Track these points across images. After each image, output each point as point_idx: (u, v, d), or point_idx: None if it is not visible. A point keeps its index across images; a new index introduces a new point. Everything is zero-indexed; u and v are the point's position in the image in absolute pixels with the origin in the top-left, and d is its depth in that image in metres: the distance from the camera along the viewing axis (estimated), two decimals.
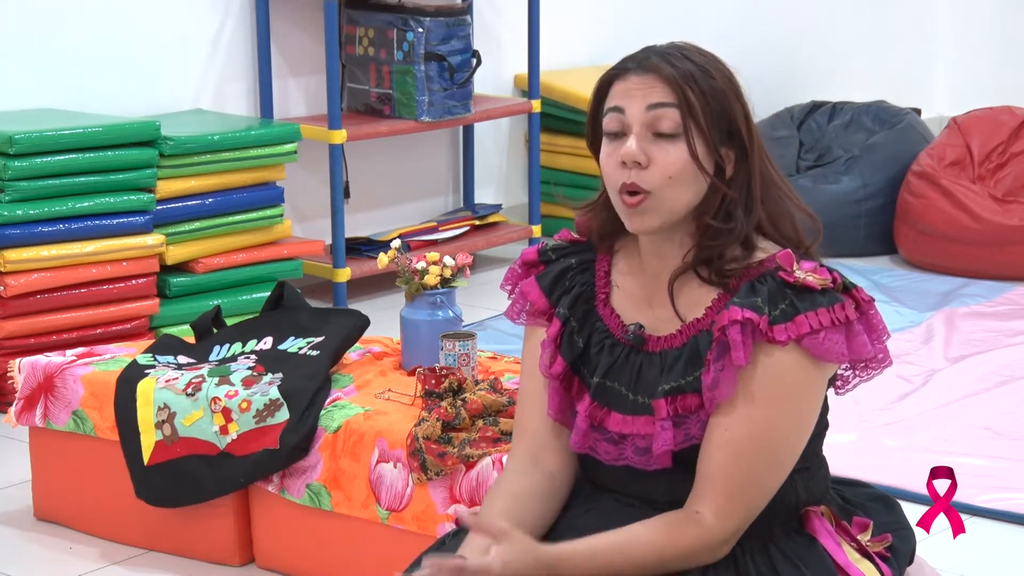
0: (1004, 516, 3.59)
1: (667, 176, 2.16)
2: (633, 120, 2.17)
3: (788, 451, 2.16)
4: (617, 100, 2.20)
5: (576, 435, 2.25)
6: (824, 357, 2.13)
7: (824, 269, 2.17)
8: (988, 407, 4.23)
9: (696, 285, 2.21)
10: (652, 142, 2.17)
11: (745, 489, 2.13)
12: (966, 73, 7.67)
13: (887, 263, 5.86)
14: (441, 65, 5.26)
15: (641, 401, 2.21)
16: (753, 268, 2.18)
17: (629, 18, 6.35)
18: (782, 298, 2.13)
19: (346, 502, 3.15)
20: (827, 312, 2.13)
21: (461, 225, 5.60)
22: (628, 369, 2.23)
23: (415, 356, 3.36)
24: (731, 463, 2.12)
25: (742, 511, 2.13)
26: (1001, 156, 5.90)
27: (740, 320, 2.11)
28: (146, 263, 4.46)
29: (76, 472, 3.51)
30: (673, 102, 2.16)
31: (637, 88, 2.18)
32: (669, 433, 2.17)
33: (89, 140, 4.35)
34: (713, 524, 2.12)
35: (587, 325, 2.28)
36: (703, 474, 2.14)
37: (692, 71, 2.17)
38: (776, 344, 2.12)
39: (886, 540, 2.29)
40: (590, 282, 2.31)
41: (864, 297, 2.18)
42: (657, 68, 2.18)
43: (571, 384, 2.28)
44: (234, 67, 5.22)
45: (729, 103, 2.19)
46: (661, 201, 2.16)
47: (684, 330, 2.21)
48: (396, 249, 3.40)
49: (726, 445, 2.12)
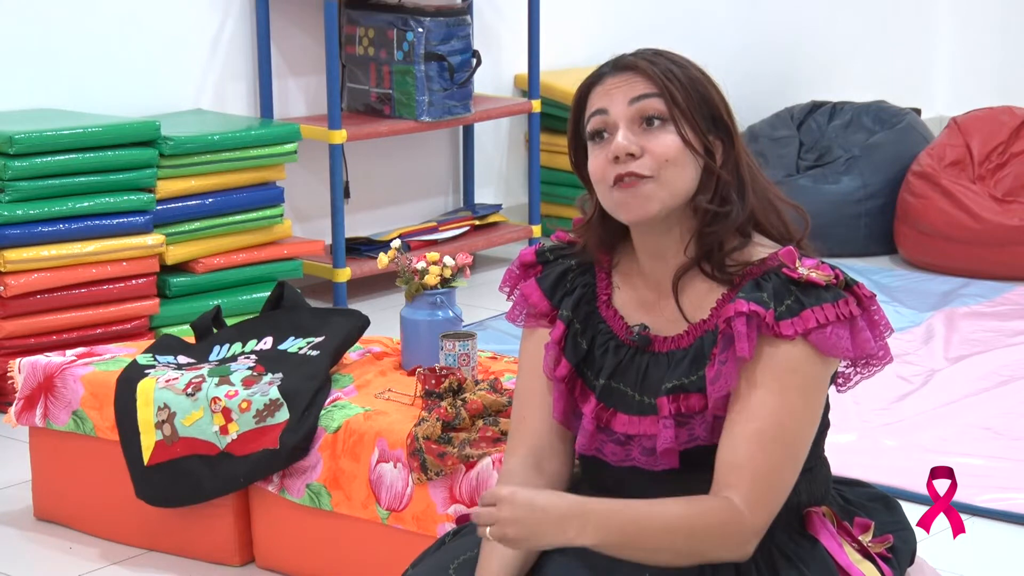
0: (1004, 516, 3.59)
1: (664, 159, 2.16)
2: (618, 117, 2.18)
3: (804, 443, 2.16)
4: (598, 102, 2.21)
5: (582, 436, 2.25)
6: (830, 352, 2.13)
7: (826, 266, 2.18)
8: (988, 407, 4.23)
9: (700, 283, 2.21)
10: (641, 134, 2.17)
11: (769, 480, 2.11)
12: (966, 73, 7.67)
13: (887, 263, 5.86)
14: (441, 65, 5.26)
15: (647, 402, 2.21)
16: (756, 267, 2.18)
17: (629, 18, 6.36)
18: (787, 294, 2.14)
19: (346, 502, 3.15)
20: (832, 307, 2.14)
21: (461, 225, 5.60)
22: (634, 370, 2.23)
23: (415, 356, 3.36)
24: (757, 452, 2.10)
25: (768, 503, 2.11)
26: (1001, 156, 5.90)
27: (746, 312, 2.11)
28: (146, 263, 4.46)
29: (76, 472, 3.51)
30: (656, 91, 2.17)
31: (616, 87, 2.19)
32: (671, 431, 2.16)
33: (89, 140, 4.35)
34: (744, 510, 2.09)
35: (590, 327, 2.28)
36: (728, 463, 2.11)
37: (668, 65, 2.20)
38: (783, 338, 2.12)
39: (887, 541, 2.29)
40: (591, 283, 2.30)
41: (866, 293, 2.18)
42: (634, 65, 2.20)
43: (574, 386, 2.28)
44: (234, 67, 5.22)
45: (709, 91, 2.20)
46: (661, 185, 2.16)
47: (691, 331, 2.21)
48: (396, 249, 3.40)
49: (753, 435, 2.11)
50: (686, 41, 6.76)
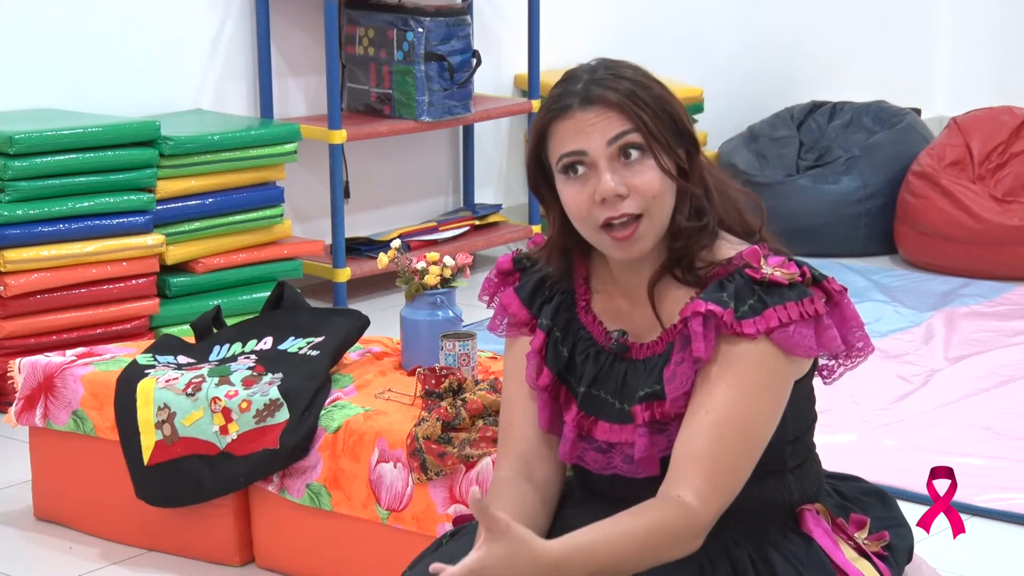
0: (1004, 516, 3.59)
1: (651, 196, 2.14)
2: (598, 156, 2.14)
3: (762, 439, 2.14)
4: (573, 143, 2.15)
5: (564, 445, 2.24)
6: (793, 351, 2.12)
7: (792, 263, 2.16)
8: (988, 407, 4.23)
9: (675, 289, 2.20)
10: (621, 168, 2.15)
11: (724, 472, 2.10)
12: (966, 73, 7.67)
13: (887, 263, 5.85)
14: (441, 65, 5.26)
15: (627, 409, 2.20)
16: (722, 267, 2.17)
17: (629, 18, 6.35)
18: (750, 294, 2.13)
19: (346, 502, 3.15)
20: (796, 306, 2.12)
21: (461, 225, 5.60)
22: (613, 377, 2.23)
23: (415, 356, 3.36)
24: (713, 445, 2.09)
25: (722, 494, 2.10)
26: (1001, 156, 5.90)
27: (703, 312, 2.11)
28: (146, 263, 4.46)
29: (76, 472, 3.51)
30: (632, 127, 2.14)
31: (590, 124, 2.15)
32: (645, 439, 2.15)
33: (89, 140, 4.35)
34: (696, 506, 2.08)
35: (571, 334, 2.27)
36: (683, 456, 2.10)
37: (631, 88, 2.15)
38: (744, 337, 2.11)
39: (883, 539, 2.28)
40: (570, 289, 2.29)
41: (836, 288, 2.17)
42: (601, 98, 2.14)
43: (558, 394, 2.27)
44: (234, 67, 5.22)
45: (671, 105, 2.17)
46: (652, 221, 2.15)
47: (664, 336, 2.20)
48: (396, 249, 3.40)
49: (709, 427, 2.10)
50: (686, 41, 6.80)
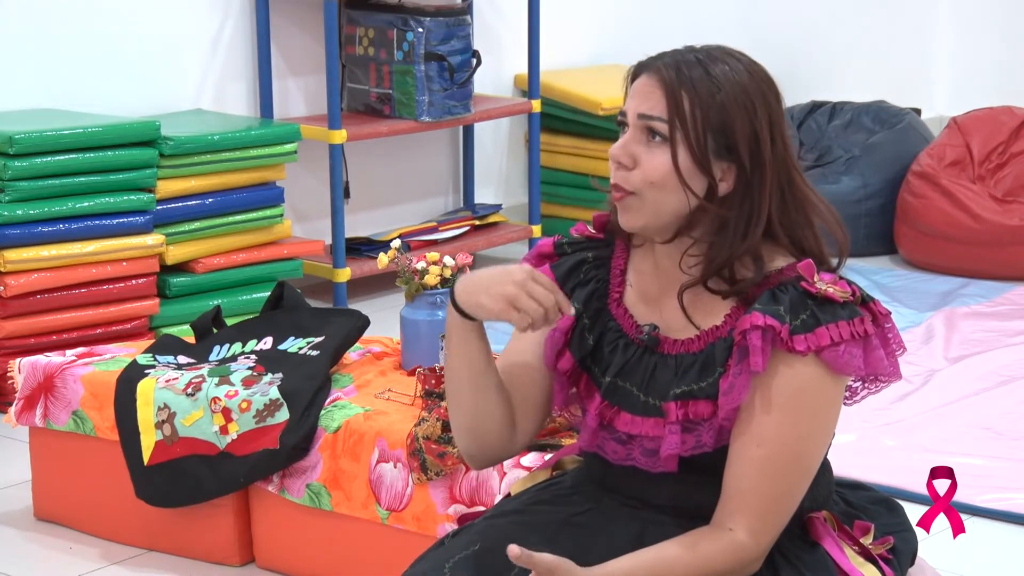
0: (1004, 516, 3.60)
1: (649, 181, 2.13)
2: (631, 121, 2.16)
3: (814, 463, 2.15)
4: (626, 102, 2.18)
5: (585, 433, 2.24)
6: (842, 370, 2.12)
7: (844, 282, 2.15)
8: (988, 407, 4.24)
9: (711, 294, 2.20)
10: (644, 144, 2.14)
11: (778, 505, 2.11)
12: (966, 73, 7.67)
13: (887, 263, 5.86)
14: (441, 65, 5.26)
15: (652, 403, 2.20)
16: (773, 276, 2.15)
17: (629, 18, 6.36)
18: (803, 308, 2.11)
19: (346, 502, 3.15)
20: (847, 325, 2.11)
21: (461, 225, 5.60)
22: (641, 369, 2.22)
23: (415, 356, 3.35)
24: (766, 481, 2.10)
25: (774, 527, 2.12)
26: (1001, 156, 5.90)
27: (762, 326, 2.09)
28: (146, 263, 4.46)
29: (76, 472, 3.51)
30: (662, 116, 2.12)
31: (640, 92, 2.16)
32: (676, 437, 2.15)
33: (89, 140, 4.35)
34: (747, 542, 2.09)
35: (599, 323, 2.27)
36: (735, 491, 2.11)
37: (696, 82, 2.12)
38: (795, 354, 2.10)
39: (888, 543, 2.29)
40: (604, 279, 2.29)
41: (882, 311, 2.16)
42: (660, 74, 2.14)
43: (579, 381, 2.27)
44: (234, 67, 5.22)
45: (731, 117, 2.12)
46: (644, 203, 2.14)
47: (702, 336, 2.18)
48: (396, 249, 3.40)
49: (760, 462, 2.09)
50: (686, 41, 6.77)
